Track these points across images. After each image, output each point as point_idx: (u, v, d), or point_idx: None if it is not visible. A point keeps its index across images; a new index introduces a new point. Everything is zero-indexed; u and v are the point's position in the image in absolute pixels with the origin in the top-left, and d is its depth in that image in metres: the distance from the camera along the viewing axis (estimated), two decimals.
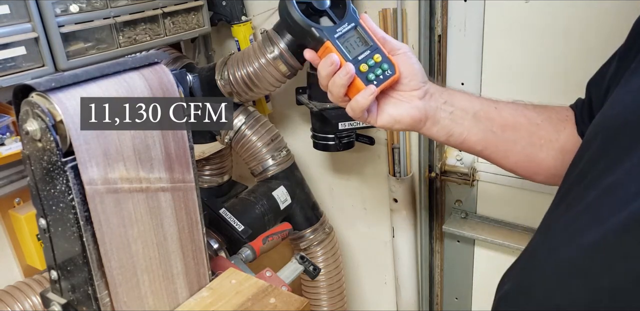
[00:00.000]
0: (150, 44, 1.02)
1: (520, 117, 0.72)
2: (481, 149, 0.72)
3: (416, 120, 0.68)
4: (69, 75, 0.64)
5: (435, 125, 0.70)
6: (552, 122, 0.72)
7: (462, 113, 0.70)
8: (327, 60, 0.65)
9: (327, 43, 0.65)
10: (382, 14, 1.17)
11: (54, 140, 0.62)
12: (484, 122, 0.71)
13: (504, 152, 0.72)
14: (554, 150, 0.71)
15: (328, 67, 0.65)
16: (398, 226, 1.33)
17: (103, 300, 0.71)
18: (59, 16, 0.86)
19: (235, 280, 0.85)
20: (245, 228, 1.08)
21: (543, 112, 0.73)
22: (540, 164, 0.72)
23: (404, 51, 0.68)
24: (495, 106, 0.72)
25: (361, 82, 0.65)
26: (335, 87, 0.66)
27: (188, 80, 0.75)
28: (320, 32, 0.64)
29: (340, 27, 0.66)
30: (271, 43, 1.13)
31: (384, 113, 0.68)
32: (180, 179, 0.76)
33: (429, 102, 0.69)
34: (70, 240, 0.68)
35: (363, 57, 0.66)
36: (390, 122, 0.68)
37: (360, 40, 0.67)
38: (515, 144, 0.71)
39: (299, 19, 0.64)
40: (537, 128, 0.72)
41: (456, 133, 0.70)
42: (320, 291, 1.34)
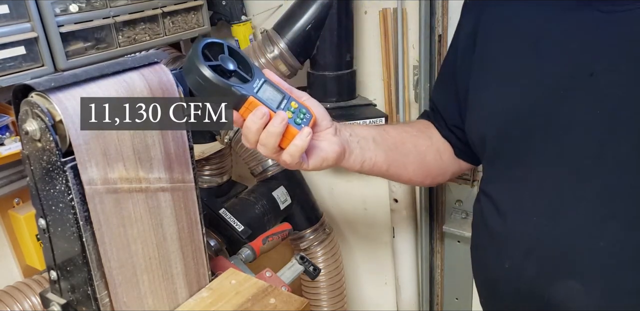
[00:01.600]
0: (150, 43, 1.02)
1: (403, 133, 0.86)
2: (387, 168, 0.82)
3: (339, 154, 0.74)
4: (69, 75, 0.64)
5: (351, 156, 0.77)
6: (423, 132, 0.88)
7: (365, 141, 0.79)
8: (256, 114, 0.66)
9: (251, 98, 0.66)
10: (383, 14, 1.17)
11: (53, 140, 0.62)
12: (382, 144, 0.81)
13: (403, 164, 0.84)
14: (433, 153, 0.87)
15: (259, 120, 0.66)
16: (398, 226, 1.33)
17: (103, 300, 0.71)
18: (58, 16, 0.86)
19: (235, 281, 0.85)
20: (245, 228, 1.08)
21: (414, 126, 0.90)
22: (429, 167, 0.87)
23: (307, 97, 0.74)
24: (384, 129, 0.84)
25: (294, 128, 0.67)
26: (270, 138, 0.67)
27: None
28: (242, 90, 0.65)
29: (254, 82, 0.67)
30: (271, 43, 1.13)
31: (312, 156, 0.72)
32: (180, 179, 0.76)
33: (341, 137, 0.75)
34: (69, 240, 0.68)
35: (284, 105, 0.68)
36: (320, 162, 0.72)
37: (275, 91, 0.69)
38: (408, 156, 0.84)
39: (217, 81, 0.63)
40: (417, 138, 0.86)
41: (367, 158, 0.79)
42: (321, 292, 1.34)
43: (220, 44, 0.68)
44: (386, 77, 1.23)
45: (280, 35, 1.12)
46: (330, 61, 1.16)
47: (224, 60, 0.66)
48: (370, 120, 1.15)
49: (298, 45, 1.12)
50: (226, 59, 0.67)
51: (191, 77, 0.64)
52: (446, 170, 0.90)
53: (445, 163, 0.88)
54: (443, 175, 0.90)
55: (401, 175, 0.86)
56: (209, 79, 0.63)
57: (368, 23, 1.21)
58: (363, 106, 1.21)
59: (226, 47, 0.68)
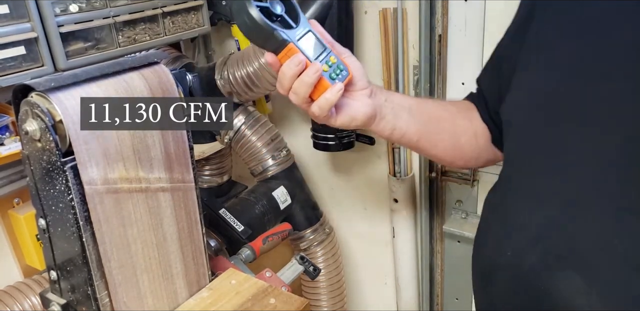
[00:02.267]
0: (150, 43, 1.02)
1: (442, 111, 0.83)
2: (417, 140, 0.80)
3: (369, 117, 0.73)
4: (69, 75, 0.64)
5: (382, 121, 0.76)
6: (463, 113, 0.85)
7: (400, 108, 0.77)
8: (293, 60, 0.66)
9: (290, 45, 0.66)
10: (383, 14, 1.17)
11: (53, 140, 0.62)
12: (417, 116, 0.79)
13: (434, 141, 0.82)
14: (469, 136, 0.84)
15: (295, 67, 0.66)
16: (398, 226, 1.33)
17: (103, 300, 0.71)
18: (58, 16, 0.86)
19: (235, 281, 0.85)
20: (245, 228, 1.08)
21: (456, 105, 0.87)
22: (462, 149, 0.84)
23: (349, 54, 0.73)
24: (423, 101, 0.83)
25: (327, 81, 0.67)
26: (302, 87, 0.68)
27: (188, 80, 0.75)
28: (284, 35, 0.65)
29: (298, 30, 0.67)
30: None
31: (341, 112, 0.72)
32: (180, 179, 0.75)
33: (375, 100, 0.74)
34: (69, 240, 0.68)
35: (322, 58, 0.68)
36: (348, 120, 0.72)
37: (317, 42, 0.69)
38: (442, 134, 0.82)
39: (262, 22, 0.64)
40: (456, 118, 0.84)
41: (398, 127, 0.77)
42: (320, 292, 1.34)
43: None
44: (386, 77, 1.23)
45: None
46: None
47: (273, 3, 0.67)
48: None
49: None
50: (275, 3, 0.67)
51: (239, 16, 0.65)
52: (480, 155, 0.86)
53: (480, 147, 0.85)
54: (477, 159, 0.87)
55: (430, 150, 0.84)
56: (254, 20, 0.64)
57: (368, 23, 1.21)
58: None
59: None
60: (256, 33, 0.65)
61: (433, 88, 1.16)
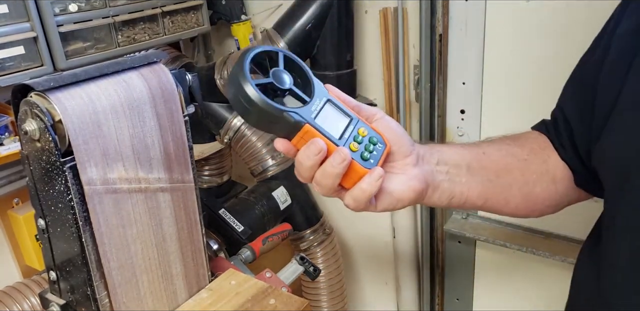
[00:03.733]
0: (149, 43, 1.02)
1: (509, 157, 0.66)
2: (482, 203, 0.65)
3: (418, 192, 0.58)
4: (68, 75, 0.63)
5: (436, 192, 0.61)
6: (537, 154, 0.68)
7: (456, 169, 0.62)
8: (311, 148, 0.52)
9: (307, 127, 0.52)
10: (383, 13, 1.17)
11: (52, 140, 0.62)
12: (479, 174, 0.63)
13: (504, 199, 0.66)
14: (546, 183, 0.67)
15: (314, 157, 0.52)
16: (399, 226, 1.33)
17: (102, 300, 0.71)
18: (57, 15, 0.86)
19: (235, 281, 0.84)
20: (245, 228, 1.08)
21: (525, 145, 0.69)
22: (537, 200, 0.68)
23: (381, 116, 0.58)
24: (483, 151, 0.66)
25: (360, 166, 0.53)
26: (327, 179, 0.53)
27: (187, 80, 0.75)
28: (296, 116, 0.51)
29: (314, 105, 0.53)
30: (271, 42, 1.13)
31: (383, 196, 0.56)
32: (180, 179, 0.75)
33: (423, 167, 0.59)
34: (69, 240, 0.68)
35: (349, 134, 0.54)
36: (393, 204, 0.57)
37: (339, 113, 0.55)
38: (511, 187, 0.66)
39: (265, 105, 0.50)
40: (527, 164, 0.67)
41: (457, 193, 0.62)
42: (321, 292, 1.33)
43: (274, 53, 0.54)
44: (386, 76, 1.23)
45: (281, 35, 1.12)
46: (331, 61, 1.16)
47: (278, 75, 0.53)
48: None
49: (298, 45, 1.12)
50: (280, 73, 0.53)
51: (234, 98, 0.51)
52: (560, 202, 0.69)
53: (560, 194, 0.67)
54: (555, 207, 0.69)
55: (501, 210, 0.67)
56: (254, 103, 0.50)
57: (368, 22, 1.21)
58: None
59: (281, 56, 0.54)
60: (260, 119, 0.51)
61: (434, 88, 1.16)
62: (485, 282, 1.32)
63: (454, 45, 1.13)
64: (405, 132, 0.58)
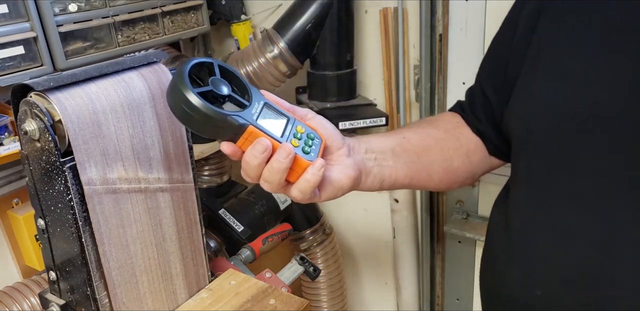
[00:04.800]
0: (149, 43, 1.02)
1: (426, 139, 0.75)
2: (409, 182, 0.72)
3: (354, 179, 0.64)
4: (68, 75, 0.63)
5: (368, 177, 0.67)
6: (451, 132, 0.77)
7: (382, 155, 0.69)
8: (257, 147, 0.56)
9: (250, 128, 0.55)
10: (383, 13, 1.17)
11: (52, 140, 0.62)
12: (402, 156, 0.71)
13: (427, 175, 0.74)
14: (462, 157, 0.76)
15: (261, 155, 0.56)
16: (399, 226, 1.33)
17: (102, 300, 0.71)
18: (57, 15, 0.86)
19: (234, 281, 0.84)
20: (245, 228, 1.08)
21: (440, 126, 0.78)
22: (457, 172, 0.76)
23: (313, 115, 0.64)
24: (403, 136, 0.74)
25: (303, 159, 0.57)
26: (274, 175, 0.57)
27: None
28: (240, 119, 0.55)
29: (253, 108, 0.57)
30: (271, 42, 1.13)
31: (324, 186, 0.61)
32: (179, 179, 0.75)
33: (355, 157, 0.65)
34: (69, 240, 0.68)
35: (289, 132, 0.58)
36: (334, 193, 0.63)
37: (277, 115, 0.59)
38: (432, 165, 0.74)
39: (209, 111, 0.52)
40: (443, 142, 0.75)
41: (386, 176, 0.69)
42: (321, 292, 1.33)
43: (209, 64, 0.58)
44: (386, 76, 1.23)
45: (280, 35, 1.12)
46: (331, 61, 1.16)
47: (216, 83, 0.56)
48: (370, 119, 1.15)
49: (298, 45, 1.12)
50: (218, 81, 0.57)
51: (177, 107, 0.54)
52: (475, 172, 0.78)
53: (474, 165, 0.77)
54: (472, 177, 0.79)
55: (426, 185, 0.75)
56: (198, 109, 0.52)
57: (368, 22, 1.21)
58: (363, 106, 1.21)
59: (216, 66, 0.58)
60: (204, 124, 0.54)
61: (434, 88, 1.16)
62: None
63: (454, 45, 1.13)
64: (335, 127, 0.64)
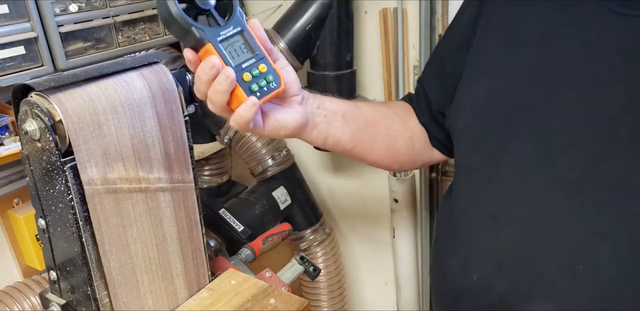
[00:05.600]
0: (150, 43, 1.02)
1: (377, 114, 0.81)
2: (351, 147, 0.77)
3: (300, 124, 0.68)
4: (68, 75, 0.64)
5: (314, 130, 0.72)
6: (400, 115, 0.83)
7: (333, 115, 0.74)
8: (206, 63, 0.59)
9: (208, 45, 0.58)
10: (383, 14, 1.17)
11: (53, 140, 0.62)
12: (351, 122, 0.76)
13: (369, 147, 0.79)
14: (405, 139, 0.82)
15: (209, 71, 0.59)
16: (399, 226, 1.33)
17: (102, 300, 0.71)
18: (58, 16, 0.86)
19: (235, 281, 0.84)
20: (245, 228, 1.08)
21: (391, 107, 0.85)
22: (398, 153, 0.82)
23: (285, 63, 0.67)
24: (356, 106, 0.79)
25: (243, 92, 0.60)
26: (216, 95, 0.60)
27: (188, 80, 0.75)
28: (202, 33, 0.58)
29: (225, 30, 0.59)
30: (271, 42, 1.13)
31: (269, 120, 0.66)
32: (180, 179, 0.75)
33: (306, 107, 0.70)
34: (69, 240, 0.68)
35: (247, 65, 0.60)
36: (277, 128, 0.67)
37: (246, 46, 0.61)
38: (377, 138, 0.79)
39: (178, 16, 0.57)
40: (391, 121, 0.81)
41: (331, 135, 0.74)
42: (321, 292, 1.33)
43: None
44: (386, 77, 1.23)
45: (280, 35, 1.12)
46: (331, 61, 1.16)
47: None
48: None
49: (298, 45, 1.12)
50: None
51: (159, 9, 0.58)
52: (416, 159, 0.84)
53: (416, 151, 0.83)
54: (412, 163, 0.86)
55: (366, 156, 0.80)
56: (170, 11, 0.57)
57: (368, 23, 1.21)
58: None
59: None
60: (173, 26, 0.58)
61: None
62: None
63: None
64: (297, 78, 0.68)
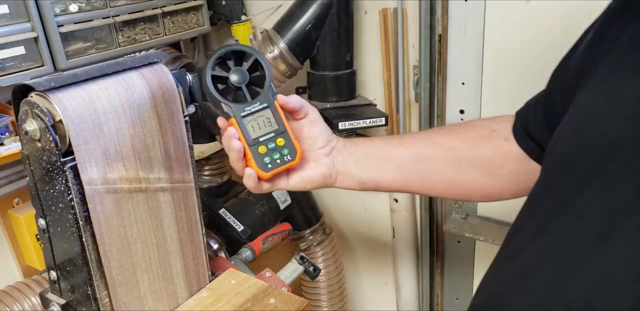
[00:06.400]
0: (150, 43, 1.02)
1: (430, 146, 0.72)
2: (400, 187, 0.73)
3: (326, 177, 0.70)
4: (68, 75, 0.64)
5: (346, 178, 0.71)
6: (470, 142, 0.72)
7: (365, 159, 0.72)
8: (226, 133, 0.66)
9: (232, 119, 0.67)
10: (383, 14, 1.17)
11: (53, 140, 0.62)
12: (390, 161, 0.72)
13: (423, 184, 0.73)
14: (478, 169, 0.71)
15: (226, 140, 0.67)
16: (398, 226, 1.33)
17: (102, 300, 0.71)
18: (58, 16, 0.86)
19: (235, 281, 0.84)
20: (245, 228, 1.08)
21: (459, 133, 0.73)
22: (469, 185, 0.72)
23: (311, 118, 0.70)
24: (400, 142, 0.74)
25: (254, 162, 0.67)
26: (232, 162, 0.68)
27: (187, 80, 0.75)
28: (228, 108, 0.66)
29: (251, 105, 0.67)
30: (271, 43, 1.13)
31: (293, 177, 0.69)
32: (180, 179, 0.75)
33: (336, 157, 0.70)
34: (69, 240, 0.68)
35: (265, 138, 0.67)
36: (302, 183, 0.69)
37: (268, 121, 0.68)
38: (430, 173, 0.72)
39: (209, 93, 0.66)
40: (452, 152, 0.71)
41: (366, 179, 0.72)
42: (320, 292, 1.34)
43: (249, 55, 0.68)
44: (386, 77, 1.23)
45: (280, 35, 1.12)
46: (330, 61, 1.16)
47: (236, 73, 0.67)
48: (370, 120, 1.15)
49: (298, 45, 1.12)
50: (239, 72, 0.67)
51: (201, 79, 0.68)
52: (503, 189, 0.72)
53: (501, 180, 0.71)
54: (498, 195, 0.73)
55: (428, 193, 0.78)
56: (207, 87, 0.67)
57: (368, 23, 1.21)
58: (363, 106, 1.21)
59: (252, 59, 0.68)
60: (209, 98, 0.67)
61: (433, 88, 1.16)
62: None
63: (454, 45, 1.13)
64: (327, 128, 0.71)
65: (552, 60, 1.03)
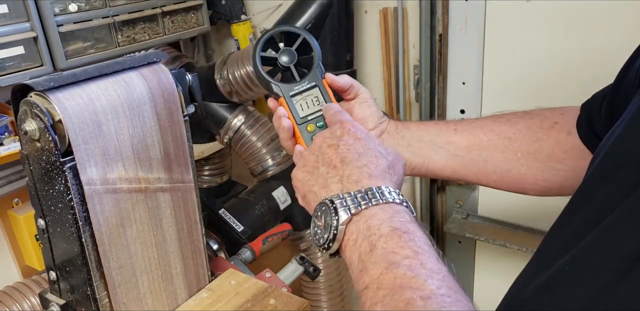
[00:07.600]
0: (149, 43, 1.02)
1: (487, 134, 0.70)
2: (450, 174, 0.71)
3: None
4: (68, 75, 0.63)
5: None
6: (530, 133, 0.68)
7: (418, 143, 0.70)
8: (277, 113, 0.67)
9: (281, 99, 0.68)
10: (383, 13, 1.17)
11: (52, 140, 0.61)
12: (443, 148, 0.70)
13: (476, 172, 0.70)
14: (537, 162, 0.68)
15: (276, 120, 0.68)
16: None
17: (102, 300, 0.71)
18: (57, 15, 0.86)
19: (234, 281, 0.84)
20: (245, 228, 1.08)
21: (519, 122, 0.70)
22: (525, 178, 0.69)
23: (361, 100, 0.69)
24: (455, 128, 0.71)
25: (302, 140, 0.68)
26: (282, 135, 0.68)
27: (187, 80, 0.75)
28: (277, 88, 0.68)
29: (299, 85, 0.68)
30: None
31: None
32: (180, 179, 0.75)
33: (387, 140, 0.70)
34: (69, 240, 0.68)
35: (313, 117, 0.68)
36: None
37: (316, 100, 0.68)
38: (486, 163, 0.69)
39: (259, 74, 0.68)
40: (510, 142, 0.69)
41: (417, 164, 0.70)
42: (320, 292, 1.33)
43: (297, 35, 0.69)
44: (386, 76, 1.23)
45: None
46: (331, 61, 1.16)
47: (284, 54, 0.68)
48: None
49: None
50: (288, 52, 0.68)
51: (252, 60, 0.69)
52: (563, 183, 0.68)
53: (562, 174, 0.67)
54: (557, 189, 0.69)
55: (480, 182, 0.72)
56: (257, 68, 0.68)
57: (368, 22, 1.21)
58: None
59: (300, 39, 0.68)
60: (260, 80, 0.69)
61: (434, 88, 1.16)
62: (485, 282, 1.32)
63: (454, 45, 1.13)
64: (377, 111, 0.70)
65: (552, 60, 1.04)
